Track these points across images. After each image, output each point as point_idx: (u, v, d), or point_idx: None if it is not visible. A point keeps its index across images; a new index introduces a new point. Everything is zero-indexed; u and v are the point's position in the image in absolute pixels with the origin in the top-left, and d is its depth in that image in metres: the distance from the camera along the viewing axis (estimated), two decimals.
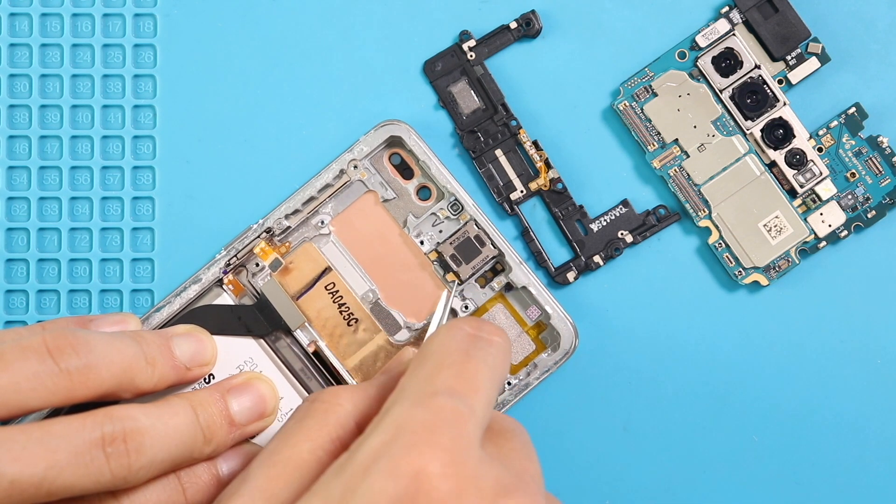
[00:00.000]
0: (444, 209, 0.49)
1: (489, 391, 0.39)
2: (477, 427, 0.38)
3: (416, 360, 0.40)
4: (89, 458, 0.41)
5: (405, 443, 0.36)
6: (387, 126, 0.49)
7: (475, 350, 0.40)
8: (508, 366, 0.42)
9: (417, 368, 0.40)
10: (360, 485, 0.36)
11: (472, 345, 0.40)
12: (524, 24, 0.50)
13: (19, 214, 0.50)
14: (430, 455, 0.36)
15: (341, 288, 0.49)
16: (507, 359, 0.41)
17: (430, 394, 0.38)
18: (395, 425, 0.37)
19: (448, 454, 0.36)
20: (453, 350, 0.40)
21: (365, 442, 0.37)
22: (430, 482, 0.36)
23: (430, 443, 0.36)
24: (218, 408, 0.45)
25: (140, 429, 0.42)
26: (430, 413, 0.37)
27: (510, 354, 0.42)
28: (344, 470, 0.37)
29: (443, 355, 0.40)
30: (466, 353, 0.40)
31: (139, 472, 0.42)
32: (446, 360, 0.39)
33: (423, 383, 0.39)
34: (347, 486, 0.36)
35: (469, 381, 0.39)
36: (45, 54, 0.50)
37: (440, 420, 0.37)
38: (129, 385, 0.44)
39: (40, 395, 0.41)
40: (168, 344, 0.46)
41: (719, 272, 0.50)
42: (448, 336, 0.41)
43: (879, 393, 0.50)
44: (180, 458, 0.44)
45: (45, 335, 0.42)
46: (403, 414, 0.37)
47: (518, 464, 0.39)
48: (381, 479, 0.36)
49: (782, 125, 0.49)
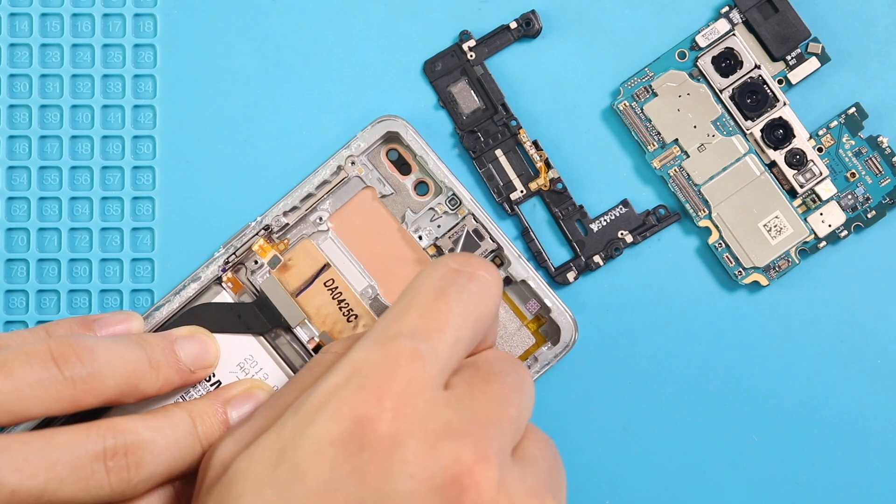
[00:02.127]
0: (442, 204, 0.49)
1: (459, 329, 0.39)
2: (438, 368, 0.38)
3: (398, 297, 0.40)
4: (90, 472, 0.41)
5: (355, 385, 0.37)
6: (384, 122, 0.49)
7: (451, 287, 0.40)
8: (494, 301, 0.41)
9: (389, 309, 0.40)
10: (309, 425, 0.37)
11: (450, 282, 0.40)
12: (524, 24, 0.50)
13: (19, 214, 0.50)
14: (375, 399, 0.37)
15: (340, 284, 0.49)
16: (491, 294, 0.41)
17: (391, 336, 0.38)
18: (350, 367, 0.38)
19: (396, 398, 0.37)
20: (427, 288, 0.40)
21: (322, 382, 0.38)
22: (372, 425, 0.36)
23: (379, 386, 0.37)
24: (217, 419, 0.45)
25: (141, 443, 0.42)
26: (387, 356, 0.37)
27: (497, 289, 0.41)
28: (298, 410, 0.38)
29: (415, 294, 0.40)
30: (441, 290, 0.39)
31: (138, 486, 0.42)
32: (416, 300, 0.39)
33: (387, 324, 0.39)
34: (298, 425, 0.37)
35: (435, 321, 0.39)
36: (45, 54, 0.50)
37: (395, 363, 0.37)
38: (134, 391, 0.43)
39: (44, 403, 0.41)
40: (172, 347, 0.45)
41: (719, 272, 0.50)
42: (427, 273, 0.40)
43: (879, 393, 0.50)
44: (179, 470, 0.43)
45: (49, 342, 0.42)
46: (360, 356, 0.38)
47: (482, 406, 0.39)
48: (327, 421, 0.37)
49: (782, 125, 0.49)
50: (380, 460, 0.36)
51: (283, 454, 0.37)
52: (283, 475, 0.37)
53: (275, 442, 0.38)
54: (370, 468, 0.36)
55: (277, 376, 0.48)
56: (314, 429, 0.37)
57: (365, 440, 0.36)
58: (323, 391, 0.38)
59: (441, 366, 0.38)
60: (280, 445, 0.38)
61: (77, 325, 0.46)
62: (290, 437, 0.37)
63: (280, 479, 0.37)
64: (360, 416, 0.36)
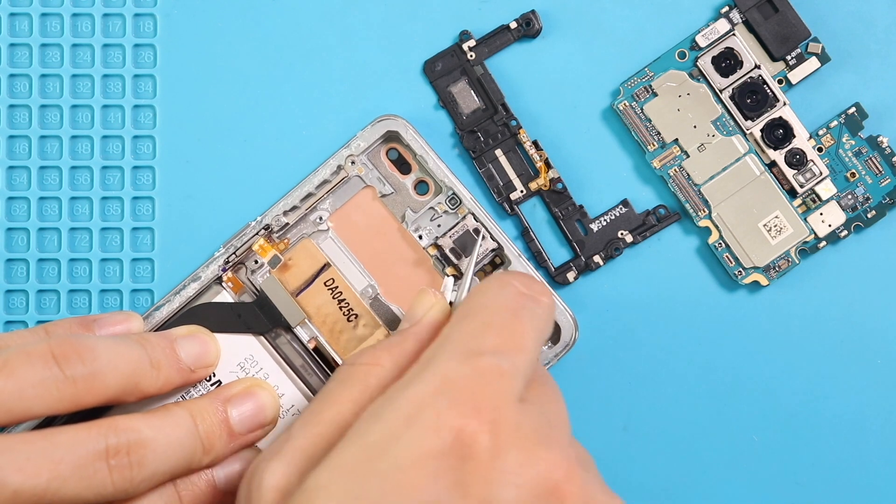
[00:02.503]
0: (443, 203, 0.49)
1: (534, 351, 0.40)
2: (520, 384, 0.39)
3: (463, 312, 0.41)
4: (92, 470, 0.41)
5: (450, 399, 0.37)
6: (384, 121, 0.49)
7: (523, 310, 0.41)
8: (553, 325, 0.43)
9: (463, 322, 0.40)
10: (404, 434, 0.36)
11: (521, 304, 0.41)
12: (524, 24, 0.50)
13: (19, 214, 0.50)
14: (474, 412, 0.37)
15: (340, 284, 0.49)
16: (553, 318, 0.42)
17: (476, 352, 0.38)
18: (439, 379, 0.38)
19: (493, 411, 0.37)
20: (502, 308, 0.40)
21: (406, 390, 0.38)
22: (474, 438, 0.36)
23: (475, 401, 0.37)
24: (218, 418, 0.45)
25: (143, 441, 0.42)
26: (477, 372, 0.38)
27: (554, 314, 0.43)
28: (383, 416, 0.37)
29: (491, 312, 0.40)
30: (515, 312, 0.40)
31: (140, 484, 0.42)
32: (495, 319, 0.40)
33: (469, 339, 0.39)
34: (389, 433, 0.37)
35: (515, 342, 0.39)
36: (45, 54, 0.50)
37: (485, 380, 0.38)
38: (134, 390, 0.44)
39: (45, 402, 0.41)
40: (172, 346, 0.45)
41: (719, 272, 0.50)
42: (498, 292, 0.41)
43: (879, 393, 0.50)
44: (179, 468, 0.44)
45: (50, 341, 0.42)
46: (449, 369, 0.38)
47: (550, 409, 0.40)
48: (425, 432, 0.36)
49: (782, 125, 0.49)
50: (483, 472, 0.36)
51: (373, 465, 0.36)
52: (377, 488, 0.36)
53: (359, 453, 0.37)
54: (474, 480, 0.36)
55: (278, 376, 0.48)
56: (411, 439, 0.36)
57: (467, 452, 0.36)
58: (410, 400, 0.37)
59: (522, 381, 0.39)
60: (367, 456, 0.37)
61: (77, 326, 0.46)
62: (379, 448, 0.37)
63: (373, 492, 0.36)
64: (461, 429, 0.36)
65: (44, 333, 0.45)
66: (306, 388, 0.48)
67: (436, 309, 0.44)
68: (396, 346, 0.42)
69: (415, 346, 0.42)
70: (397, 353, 0.42)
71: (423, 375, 0.38)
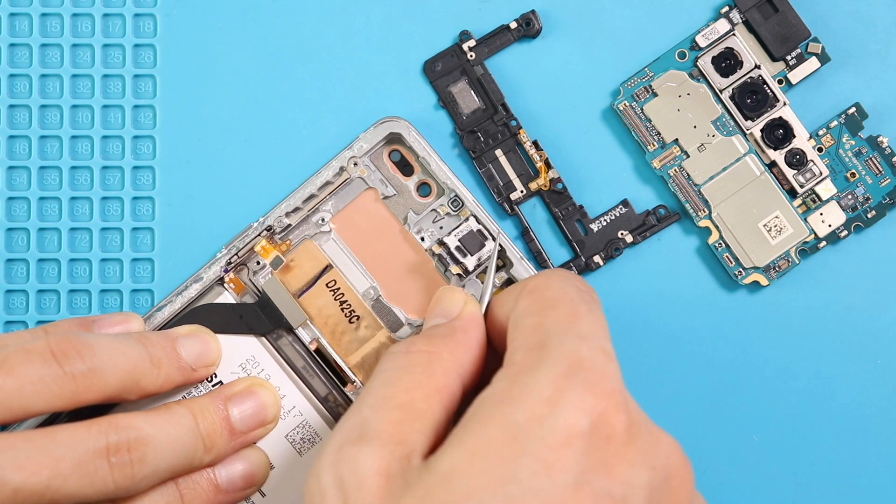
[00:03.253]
0: (445, 205, 0.49)
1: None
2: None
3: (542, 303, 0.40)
4: (93, 468, 0.41)
5: (584, 382, 0.37)
6: (386, 123, 0.49)
7: (593, 303, 0.41)
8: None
9: (554, 310, 0.40)
10: (549, 415, 0.36)
11: (587, 298, 0.41)
12: (524, 24, 0.50)
13: (19, 214, 0.50)
14: (610, 393, 0.37)
15: (342, 285, 0.49)
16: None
17: (584, 336, 0.38)
18: (566, 363, 0.37)
19: (621, 395, 0.37)
20: (579, 299, 0.40)
21: (536, 373, 0.37)
22: (613, 420, 0.36)
23: (605, 384, 0.37)
24: (219, 416, 0.45)
25: (144, 438, 0.42)
26: (596, 356, 0.38)
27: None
28: (521, 399, 0.37)
29: (573, 302, 0.40)
30: (588, 304, 0.41)
31: (142, 481, 0.42)
32: (580, 308, 0.40)
33: (570, 325, 0.39)
34: (533, 414, 0.36)
35: (603, 329, 0.40)
36: (45, 54, 0.50)
37: (604, 363, 0.38)
38: (135, 388, 0.44)
39: (45, 399, 0.41)
40: (173, 345, 0.46)
41: (719, 272, 0.50)
42: (564, 285, 0.41)
43: (880, 393, 0.50)
44: (181, 466, 0.44)
45: (49, 339, 0.42)
46: (571, 353, 0.38)
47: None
48: (571, 413, 0.36)
49: (782, 125, 0.49)
50: (623, 452, 0.36)
51: (519, 445, 0.36)
52: (526, 467, 0.36)
53: (501, 434, 0.36)
54: (616, 461, 0.36)
55: (279, 377, 0.48)
56: (556, 420, 0.36)
57: (608, 433, 0.36)
58: (546, 383, 0.37)
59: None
60: (511, 437, 0.36)
61: (76, 326, 0.46)
62: (524, 429, 0.36)
63: (522, 472, 0.35)
64: (602, 410, 0.36)
65: (43, 333, 0.45)
66: (308, 390, 0.48)
67: (471, 304, 0.44)
68: (447, 336, 0.42)
69: (464, 337, 0.42)
70: (451, 344, 0.41)
71: (548, 359, 0.38)
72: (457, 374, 0.40)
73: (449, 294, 0.44)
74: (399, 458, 0.37)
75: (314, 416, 0.48)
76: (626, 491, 0.36)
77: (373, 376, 0.41)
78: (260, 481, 0.47)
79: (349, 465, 0.38)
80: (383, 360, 0.41)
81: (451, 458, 0.36)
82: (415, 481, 0.36)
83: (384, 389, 0.40)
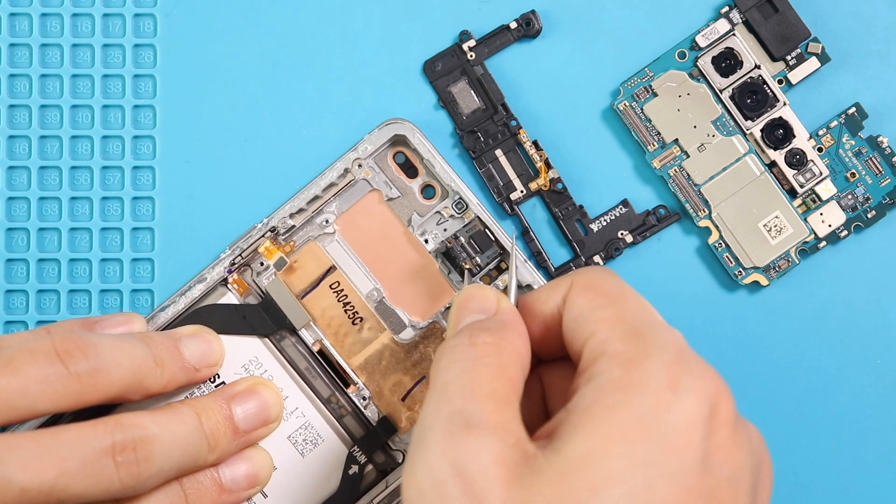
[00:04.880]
0: (449, 207, 0.49)
1: None
2: None
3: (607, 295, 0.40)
4: (99, 467, 0.41)
5: (693, 368, 0.37)
6: (391, 125, 0.49)
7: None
8: None
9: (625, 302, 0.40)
10: (675, 401, 0.36)
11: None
12: (524, 24, 0.50)
13: (19, 214, 0.50)
14: (714, 380, 0.38)
15: (346, 287, 0.49)
16: None
17: (665, 325, 0.39)
18: (672, 351, 0.38)
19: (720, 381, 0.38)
20: (635, 291, 0.41)
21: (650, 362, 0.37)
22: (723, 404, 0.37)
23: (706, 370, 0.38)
24: (222, 415, 0.45)
25: (149, 437, 0.42)
26: (684, 343, 0.39)
27: None
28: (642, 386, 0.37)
29: (636, 294, 0.41)
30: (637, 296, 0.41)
31: (148, 480, 0.42)
32: (643, 299, 0.40)
33: (650, 314, 0.40)
34: (659, 401, 0.36)
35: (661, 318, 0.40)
36: (45, 54, 0.50)
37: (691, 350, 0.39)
38: (139, 387, 0.44)
39: (50, 399, 0.41)
40: (176, 345, 0.46)
41: (719, 272, 0.50)
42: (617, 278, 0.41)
43: (880, 393, 0.50)
44: (186, 465, 0.44)
45: (53, 338, 0.42)
46: (670, 342, 0.38)
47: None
48: (693, 398, 0.37)
49: (782, 125, 0.49)
50: (734, 437, 0.37)
51: (650, 430, 0.36)
52: (658, 450, 0.36)
53: (630, 420, 0.36)
54: (730, 445, 0.37)
55: (282, 378, 0.48)
56: (682, 405, 0.36)
57: (721, 417, 0.37)
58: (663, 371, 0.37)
59: None
60: (640, 422, 0.36)
61: (79, 326, 0.46)
62: (652, 414, 0.36)
63: (655, 454, 0.36)
64: (715, 394, 0.37)
65: (45, 333, 0.44)
66: (310, 391, 0.48)
67: (504, 300, 0.43)
68: (502, 329, 0.41)
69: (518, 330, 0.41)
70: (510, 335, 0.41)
71: (656, 349, 0.38)
72: (520, 365, 0.40)
73: (481, 291, 0.43)
74: (511, 446, 0.37)
75: (317, 417, 0.48)
76: (739, 474, 0.37)
77: (441, 369, 0.39)
78: (263, 481, 0.47)
79: (467, 453, 0.36)
80: (448, 352, 0.40)
81: (585, 443, 0.36)
82: (543, 467, 0.36)
83: (466, 378, 0.38)
